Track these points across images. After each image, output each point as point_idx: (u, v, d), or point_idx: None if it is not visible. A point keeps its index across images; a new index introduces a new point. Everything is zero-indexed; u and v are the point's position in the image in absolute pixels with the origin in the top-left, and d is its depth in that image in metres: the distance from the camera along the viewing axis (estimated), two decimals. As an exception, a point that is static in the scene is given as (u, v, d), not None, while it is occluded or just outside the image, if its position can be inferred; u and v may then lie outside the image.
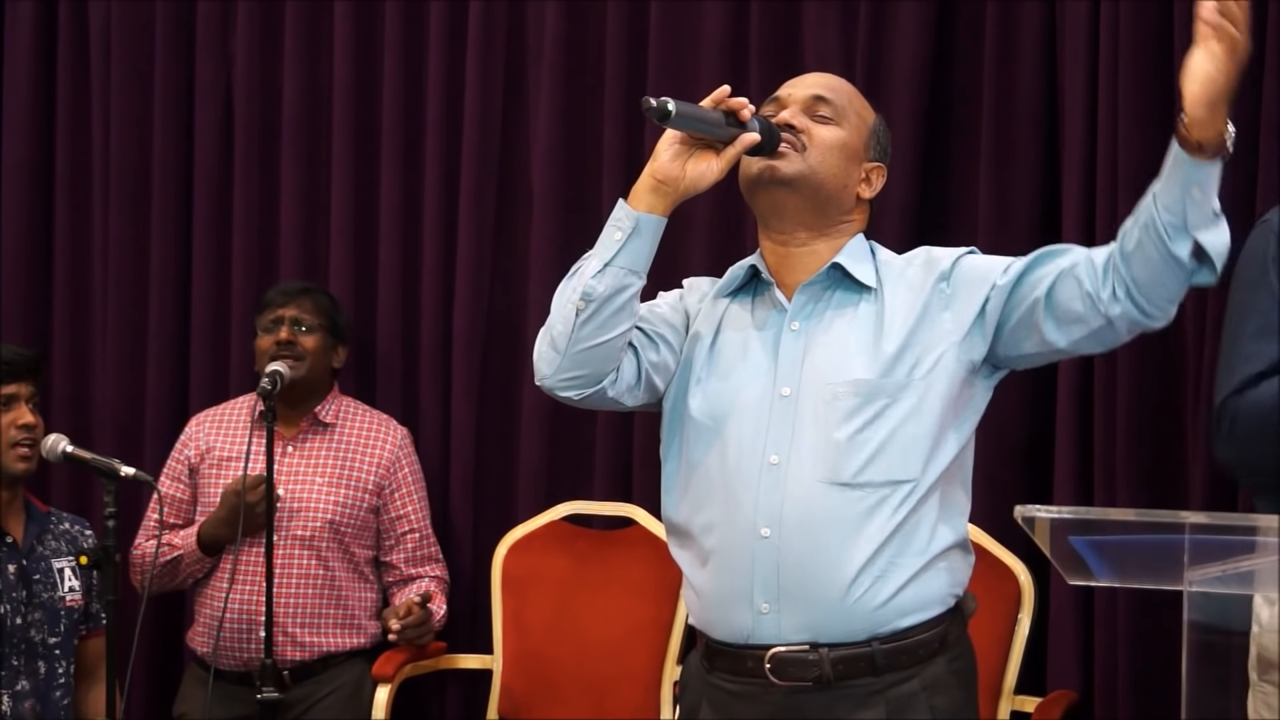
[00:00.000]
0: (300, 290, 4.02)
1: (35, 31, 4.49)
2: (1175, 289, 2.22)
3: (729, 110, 2.35)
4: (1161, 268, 2.19)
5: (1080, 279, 2.27)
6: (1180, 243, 2.17)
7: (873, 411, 2.33)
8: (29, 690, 3.57)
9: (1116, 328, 2.27)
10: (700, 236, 3.84)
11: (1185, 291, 2.23)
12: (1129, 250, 2.22)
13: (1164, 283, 2.21)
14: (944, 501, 2.37)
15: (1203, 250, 2.18)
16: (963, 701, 2.40)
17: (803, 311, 2.41)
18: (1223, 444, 2.47)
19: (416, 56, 4.22)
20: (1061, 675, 3.59)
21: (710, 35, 3.96)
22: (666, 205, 2.37)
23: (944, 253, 2.43)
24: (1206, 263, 2.19)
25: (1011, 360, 2.40)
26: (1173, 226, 2.16)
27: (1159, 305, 2.24)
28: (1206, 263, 2.19)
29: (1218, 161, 2.16)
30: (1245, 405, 2.43)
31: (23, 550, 3.61)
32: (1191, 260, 2.19)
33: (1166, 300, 2.24)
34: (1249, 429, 2.42)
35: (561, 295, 2.37)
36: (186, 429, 4.07)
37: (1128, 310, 2.24)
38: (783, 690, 2.33)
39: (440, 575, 4.01)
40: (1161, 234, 2.17)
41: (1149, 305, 2.23)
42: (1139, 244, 2.20)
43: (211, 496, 3.91)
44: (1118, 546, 2.11)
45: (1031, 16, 3.68)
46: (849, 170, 2.43)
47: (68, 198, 4.48)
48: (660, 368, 2.44)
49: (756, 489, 2.34)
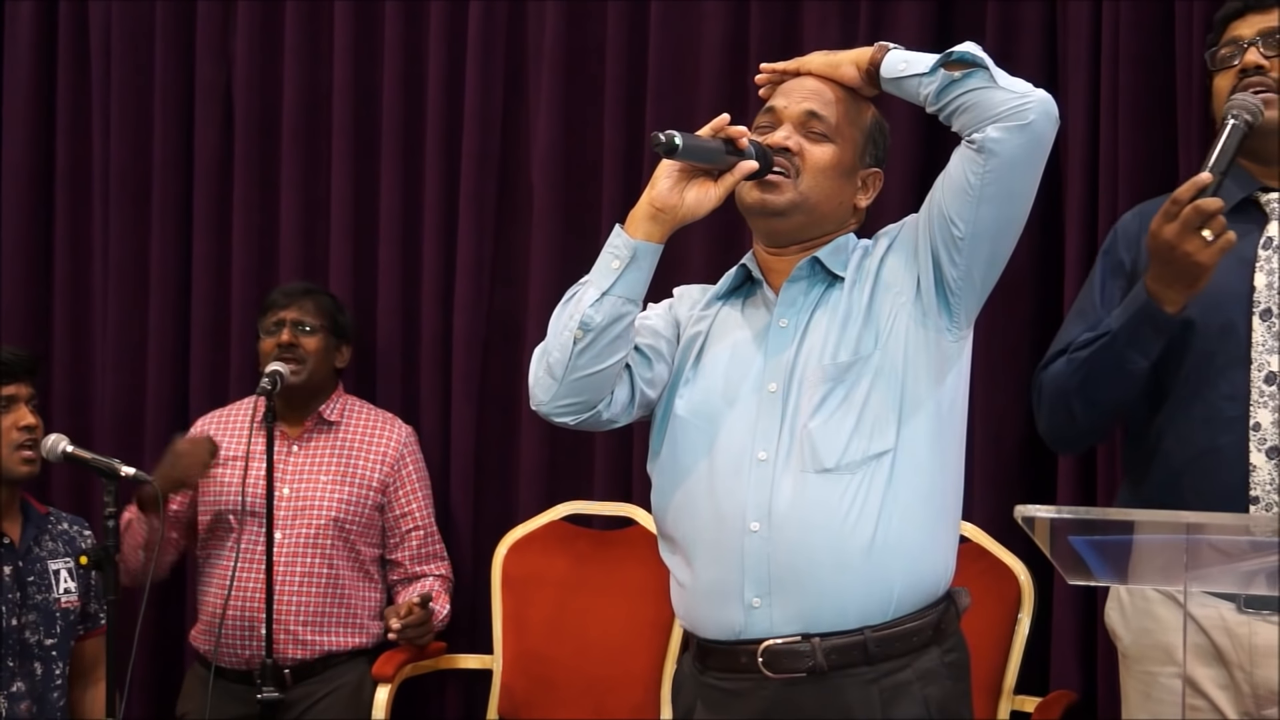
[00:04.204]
0: (302, 291, 4.02)
1: (35, 31, 4.49)
2: (983, 93, 2.32)
3: (728, 138, 2.38)
4: (957, 97, 2.33)
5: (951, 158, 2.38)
6: (934, 80, 2.35)
7: (842, 393, 2.36)
8: (25, 691, 3.56)
9: (997, 151, 2.30)
10: (700, 240, 3.84)
11: (992, 83, 2.32)
12: (951, 126, 2.36)
13: (977, 101, 2.31)
14: (932, 474, 2.38)
15: (953, 58, 2.34)
16: (956, 694, 2.40)
17: (790, 307, 2.44)
18: (1036, 417, 2.75)
19: (416, 57, 4.22)
20: (1061, 675, 3.59)
21: (710, 35, 3.96)
22: (664, 233, 2.40)
23: (897, 225, 2.49)
24: (965, 63, 2.33)
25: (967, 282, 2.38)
26: (936, 89, 2.35)
27: (999, 109, 2.30)
28: (965, 63, 2.33)
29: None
30: (1045, 379, 2.70)
31: (19, 551, 3.61)
32: (951, 67, 2.34)
33: (997, 106, 2.30)
34: (1047, 401, 2.70)
35: (558, 322, 2.39)
36: (195, 426, 4.08)
37: (989, 132, 2.30)
38: (777, 683, 2.34)
39: (445, 574, 4.02)
40: (930, 94, 2.35)
41: (993, 118, 2.30)
42: (947, 116, 2.36)
43: (210, 501, 3.92)
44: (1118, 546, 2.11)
45: (1032, 16, 3.68)
46: (843, 188, 2.47)
47: (68, 198, 4.49)
48: (653, 383, 2.48)
49: (745, 486, 2.36)
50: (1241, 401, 2.56)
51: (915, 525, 2.35)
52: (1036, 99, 2.31)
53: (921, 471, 2.36)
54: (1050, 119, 2.33)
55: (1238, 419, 2.56)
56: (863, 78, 2.44)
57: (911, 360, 2.37)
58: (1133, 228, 2.73)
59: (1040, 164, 2.36)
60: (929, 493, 2.38)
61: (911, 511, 2.35)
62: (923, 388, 2.37)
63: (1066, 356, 2.66)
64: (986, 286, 2.42)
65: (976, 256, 2.36)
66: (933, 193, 2.40)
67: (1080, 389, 2.62)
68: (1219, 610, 2.58)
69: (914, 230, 2.44)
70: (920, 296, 2.39)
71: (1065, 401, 2.65)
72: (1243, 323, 2.59)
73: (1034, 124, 2.30)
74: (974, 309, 2.42)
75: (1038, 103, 2.31)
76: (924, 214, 2.42)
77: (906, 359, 2.37)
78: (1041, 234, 3.57)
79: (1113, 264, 2.73)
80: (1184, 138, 3.48)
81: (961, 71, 2.33)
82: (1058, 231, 3.61)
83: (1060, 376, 2.66)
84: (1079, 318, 2.72)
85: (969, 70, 2.33)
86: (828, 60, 2.47)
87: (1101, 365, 2.59)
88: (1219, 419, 2.57)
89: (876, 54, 2.42)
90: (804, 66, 2.48)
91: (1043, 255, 3.62)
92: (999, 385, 3.60)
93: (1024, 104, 2.30)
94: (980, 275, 2.39)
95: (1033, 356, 3.73)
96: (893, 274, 2.42)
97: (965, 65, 2.33)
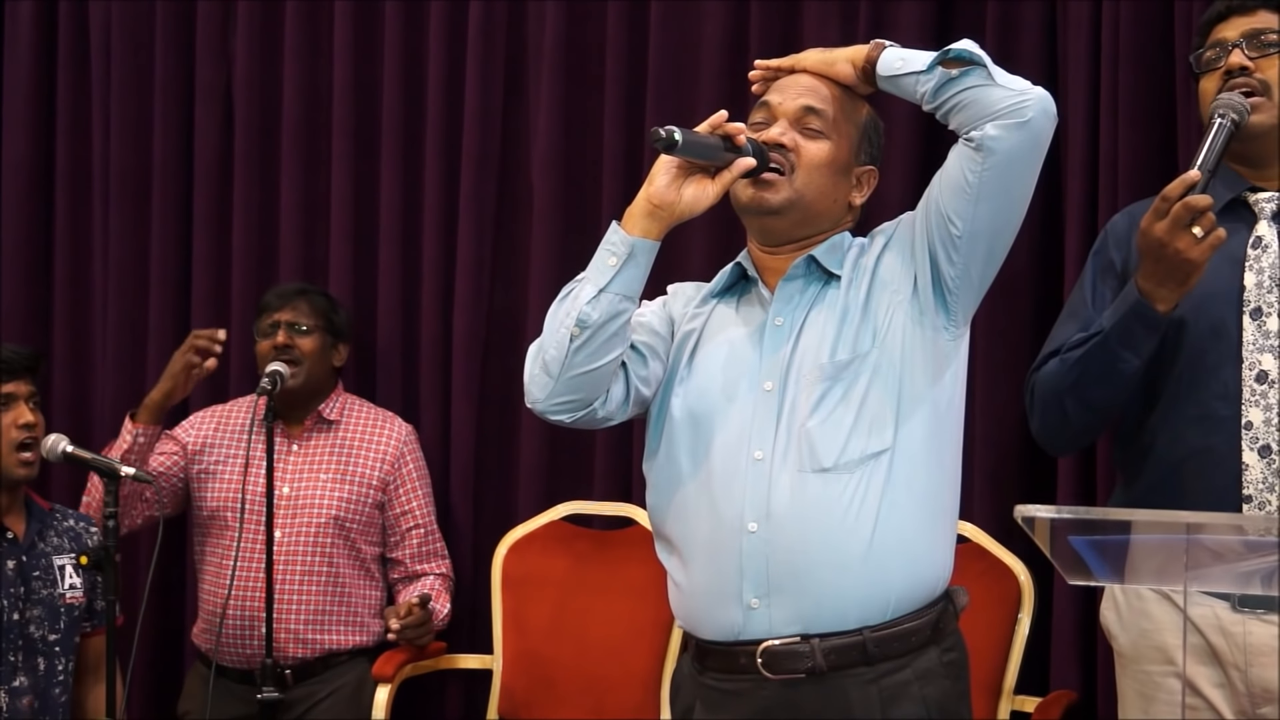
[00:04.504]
0: (295, 292, 4.02)
1: (35, 31, 4.49)
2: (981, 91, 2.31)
3: (726, 135, 2.37)
4: (955, 95, 2.32)
5: (949, 155, 2.37)
6: (931, 78, 2.34)
7: (840, 392, 2.35)
8: (27, 686, 3.56)
9: (995, 149, 2.30)
10: (698, 236, 3.84)
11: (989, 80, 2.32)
12: (949, 124, 2.36)
13: (975, 99, 2.31)
14: (929, 473, 2.38)
15: (951, 55, 2.33)
16: (955, 694, 2.40)
17: (786, 306, 2.43)
18: (1029, 417, 2.75)
19: (416, 56, 4.22)
20: (1061, 675, 3.59)
21: (710, 35, 3.96)
22: (661, 230, 2.38)
23: (893, 223, 2.49)
24: (962, 61, 2.33)
25: (965, 281, 2.38)
26: (933, 87, 2.34)
27: (997, 107, 2.30)
28: (962, 61, 2.33)
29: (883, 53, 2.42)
30: (1037, 382, 2.71)
31: (23, 546, 3.61)
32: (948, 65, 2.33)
33: (995, 104, 2.30)
34: (1039, 402, 2.70)
35: (554, 319, 2.38)
36: (190, 418, 4.08)
37: (988, 130, 2.29)
38: (776, 684, 2.34)
39: (445, 572, 4.02)
40: (928, 92, 2.34)
41: (991, 116, 2.30)
42: (945, 113, 2.35)
43: (208, 499, 3.93)
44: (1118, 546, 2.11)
45: (1032, 16, 3.68)
46: (837, 185, 2.46)
47: (68, 198, 4.49)
48: (648, 380, 2.47)
49: (742, 485, 2.36)
50: (1233, 400, 2.57)
51: (913, 525, 2.35)
52: (1035, 96, 2.31)
53: (919, 470, 2.36)
54: (1048, 116, 2.33)
55: (1230, 418, 2.57)
56: (858, 75, 2.43)
57: (909, 358, 2.37)
58: (1122, 227, 2.74)
59: (1038, 161, 2.36)
60: (927, 492, 2.37)
61: (910, 511, 2.34)
62: (920, 386, 2.37)
63: (1059, 357, 2.66)
64: (984, 284, 2.41)
65: (974, 255, 2.36)
66: (930, 190, 2.40)
67: (1073, 389, 2.63)
68: (1214, 609, 2.58)
69: (910, 228, 2.43)
70: (917, 294, 2.39)
71: (1058, 402, 2.66)
72: (1233, 322, 2.59)
73: (1032, 121, 2.30)
74: (971, 307, 2.42)
75: (1036, 100, 2.30)
76: (921, 211, 2.41)
77: (904, 357, 2.37)
78: (1041, 233, 3.57)
79: (1103, 264, 2.74)
80: (1184, 137, 3.48)
81: (959, 69, 2.32)
82: (1057, 231, 3.61)
83: (1053, 377, 2.67)
84: (1070, 319, 2.73)
85: (966, 68, 2.32)
86: (823, 57, 2.47)
87: (1094, 365, 2.59)
88: (1211, 418, 2.58)
89: (873, 51, 2.41)
90: (799, 64, 2.48)
91: (1042, 254, 3.62)
92: (999, 385, 3.59)
93: (1022, 101, 2.30)
94: (978, 273, 2.38)
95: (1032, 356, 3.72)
96: (889, 272, 2.42)
97: (962, 63, 2.33)
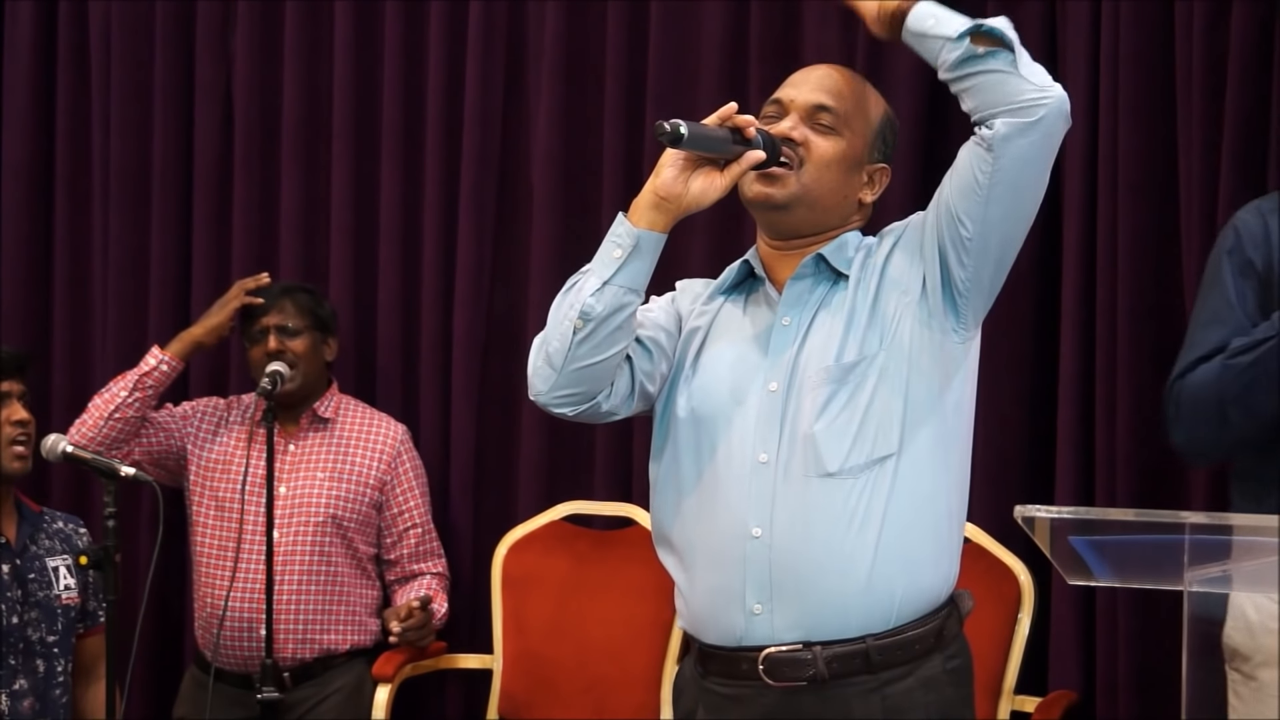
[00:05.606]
0: (279, 293, 3.99)
1: (35, 31, 4.49)
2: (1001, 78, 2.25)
3: (734, 127, 2.32)
4: (975, 74, 2.26)
5: (959, 154, 2.32)
6: (958, 49, 2.25)
7: (845, 396, 2.32)
8: (27, 689, 3.57)
9: (1005, 149, 2.25)
10: (700, 234, 3.84)
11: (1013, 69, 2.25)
12: (961, 101, 2.30)
13: (993, 85, 2.25)
14: (935, 479, 2.35)
15: (982, 30, 2.24)
16: (959, 701, 2.38)
17: (794, 306, 2.40)
18: (1172, 427, 2.62)
19: (416, 57, 4.21)
20: (1061, 675, 3.59)
21: (710, 35, 3.96)
22: (667, 222, 2.34)
23: (902, 223, 2.45)
24: (993, 39, 2.25)
25: (976, 284, 2.34)
26: (957, 58, 2.26)
27: (1013, 101, 2.25)
28: (993, 39, 2.25)
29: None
30: (1186, 389, 2.58)
31: (16, 549, 3.61)
32: (978, 40, 2.25)
33: (1011, 96, 2.25)
34: (1190, 411, 2.58)
35: (558, 311, 2.34)
36: (200, 402, 4.07)
37: (998, 128, 2.25)
38: (778, 691, 2.32)
39: (442, 571, 4.01)
40: (949, 61, 2.26)
41: (1005, 109, 2.25)
42: (960, 90, 2.28)
43: (206, 499, 3.93)
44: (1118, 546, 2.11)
45: (1031, 16, 3.67)
46: (848, 181, 2.42)
47: (68, 198, 4.48)
48: (653, 376, 2.43)
49: (746, 489, 2.33)
50: None
51: (918, 532, 2.32)
52: (1053, 96, 2.25)
53: (925, 476, 2.33)
54: (1062, 118, 2.28)
55: None
56: (881, 20, 2.33)
57: (916, 362, 2.33)
58: (1255, 226, 2.62)
59: (1049, 162, 2.32)
60: (932, 498, 2.34)
61: (915, 518, 2.31)
62: (928, 390, 2.33)
63: (1221, 362, 2.53)
64: (995, 288, 2.37)
65: (985, 257, 2.32)
66: (940, 190, 2.35)
67: (1242, 396, 2.50)
68: None
69: (920, 228, 2.39)
70: (926, 296, 2.35)
71: (1219, 409, 2.53)
72: None
73: (1043, 121, 2.25)
74: (982, 310, 2.38)
75: (1053, 100, 2.25)
76: (931, 212, 2.37)
77: (911, 360, 2.33)
78: (1041, 233, 3.57)
79: (1240, 264, 2.61)
80: (1184, 137, 3.48)
81: (986, 48, 2.25)
82: (1056, 230, 3.61)
83: (1213, 383, 2.53)
84: (1215, 323, 2.58)
85: (994, 49, 2.25)
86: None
87: (1272, 369, 2.47)
88: None
89: (906, 2, 2.32)
90: None
91: (1042, 254, 3.62)
92: (999, 385, 3.59)
93: (1038, 99, 2.24)
94: (989, 276, 2.34)
95: (1032, 356, 3.74)
96: (898, 273, 2.38)
97: (993, 41, 2.26)
